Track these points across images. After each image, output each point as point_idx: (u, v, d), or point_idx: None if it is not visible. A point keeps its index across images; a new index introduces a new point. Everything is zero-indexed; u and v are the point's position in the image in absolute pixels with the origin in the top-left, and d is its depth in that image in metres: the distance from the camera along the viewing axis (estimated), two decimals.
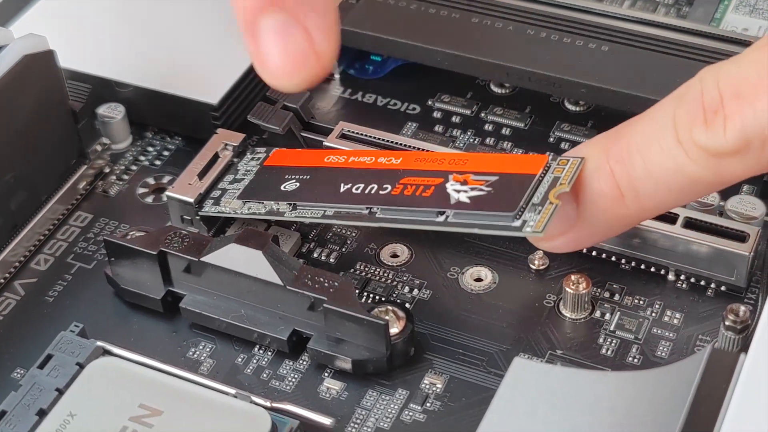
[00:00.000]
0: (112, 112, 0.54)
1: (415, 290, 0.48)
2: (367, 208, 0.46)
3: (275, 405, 0.43)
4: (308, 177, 0.48)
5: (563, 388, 0.39)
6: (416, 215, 0.45)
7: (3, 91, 0.47)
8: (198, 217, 0.49)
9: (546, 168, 0.45)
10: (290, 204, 0.47)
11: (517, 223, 0.43)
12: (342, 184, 0.47)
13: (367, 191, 0.46)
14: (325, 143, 0.51)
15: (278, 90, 0.46)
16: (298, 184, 0.48)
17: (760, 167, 0.41)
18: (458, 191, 0.45)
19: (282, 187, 0.48)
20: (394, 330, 0.44)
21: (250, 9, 0.43)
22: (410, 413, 0.44)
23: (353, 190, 0.46)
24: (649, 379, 0.39)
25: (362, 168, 0.48)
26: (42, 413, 0.42)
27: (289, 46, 0.43)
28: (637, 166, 0.43)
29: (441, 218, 0.44)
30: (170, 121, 0.54)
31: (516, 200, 0.44)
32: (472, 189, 0.45)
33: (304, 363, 0.45)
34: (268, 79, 0.44)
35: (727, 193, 0.48)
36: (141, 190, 0.53)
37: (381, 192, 0.46)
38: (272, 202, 0.48)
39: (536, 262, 0.48)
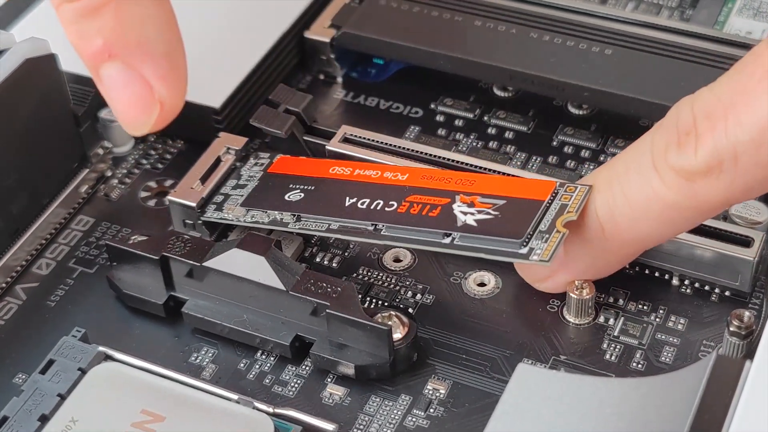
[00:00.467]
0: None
1: (418, 295, 0.48)
2: (372, 224, 0.46)
3: (278, 411, 0.42)
4: (313, 188, 0.48)
5: (567, 394, 0.39)
6: (422, 235, 0.45)
7: (4, 94, 0.47)
8: (200, 222, 0.49)
9: (554, 194, 0.45)
10: (294, 215, 0.47)
11: (524, 251, 0.43)
12: (347, 198, 0.47)
13: (372, 207, 0.46)
14: (328, 147, 0.51)
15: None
16: (302, 194, 0.48)
17: (736, 190, 0.41)
18: (465, 213, 0.45)
19: (286, 197, 0.48)
20: (397, 335, 0.44)
21: (90, 57, 0.44)
22: (413, 419, 0.43)
23: (359, 205, 0.46)
24: (654, 385, 0.39)
25: (368, 182, 0.47)
26: (44, 419, 0.42)
27: (129, 95, 0.44)
28: (616, 195, 0.43)
29: (447, 240, 0.44)
30: (172, 125, 0.54)
31: (523, 227, 0.44)
32: (479, 212, 0.45)
33: (307, 368, 0.45)
34: (121, 124, 0.46)
35: None
36: (143, 194, 0.52)
37: (387, 209, 0.46)
38: (276, 212, 0.48)
39: None
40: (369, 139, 0.51)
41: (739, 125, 0.39)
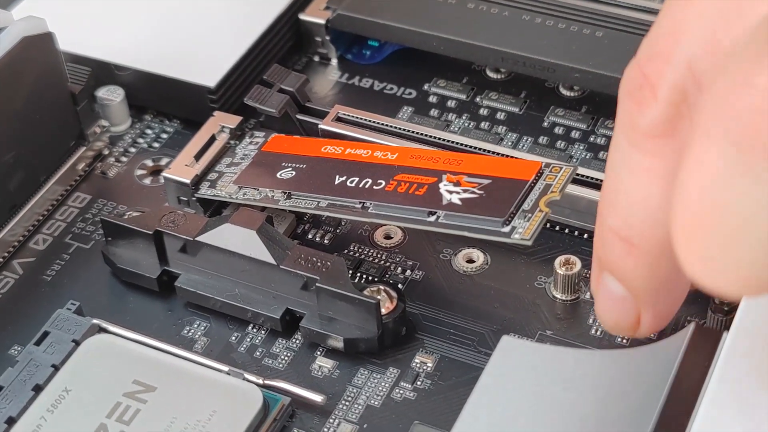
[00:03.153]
0: (112, 94, 0.54)
1: (408, 271, 0.48)
2: (360, 202, 0.46)
3: (267, 382, 0.43)
4: (304, 166, 0.48)
5: (549, 365, 0.40)
6: (407, 213, 0.45)
7: (2, 72, 0.48)
8: (194, 198, 0.50)
9: (539, 174, 0.45)
10: (285, 193, 0.48)
11: (506, 229, 0.44)
12: (337, 176, 0.47)
13: (361, 185, 0.47)
14: (321, 126, 0.51)
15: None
16: (293, 172, 0.48)
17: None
18: (451, 192, 0.45)
19: (278, 175, 0.49)
20: (385, 309, 0.45)
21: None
22: (401, 391, 0.44)
23: (347, 183, 0.47)
24: (634, 356, 0.40)
25: (358, 161, 0.48)
26: (38, 389, 0.42)
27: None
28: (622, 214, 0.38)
29: (432, 218, 0.45)
30: (168, 104, 0.55)
31: (506, 206, 0.44)
32: (465, 191, 0.45)
33: (297, 341, 0.46)
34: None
35: None
36: (139, 172, 0.53)
37: (375, 187, 0.47)
38: (267, 190, 0.48)
39: None
40: (361, 119, 0.51)
41: (688, 45, 0.34)
